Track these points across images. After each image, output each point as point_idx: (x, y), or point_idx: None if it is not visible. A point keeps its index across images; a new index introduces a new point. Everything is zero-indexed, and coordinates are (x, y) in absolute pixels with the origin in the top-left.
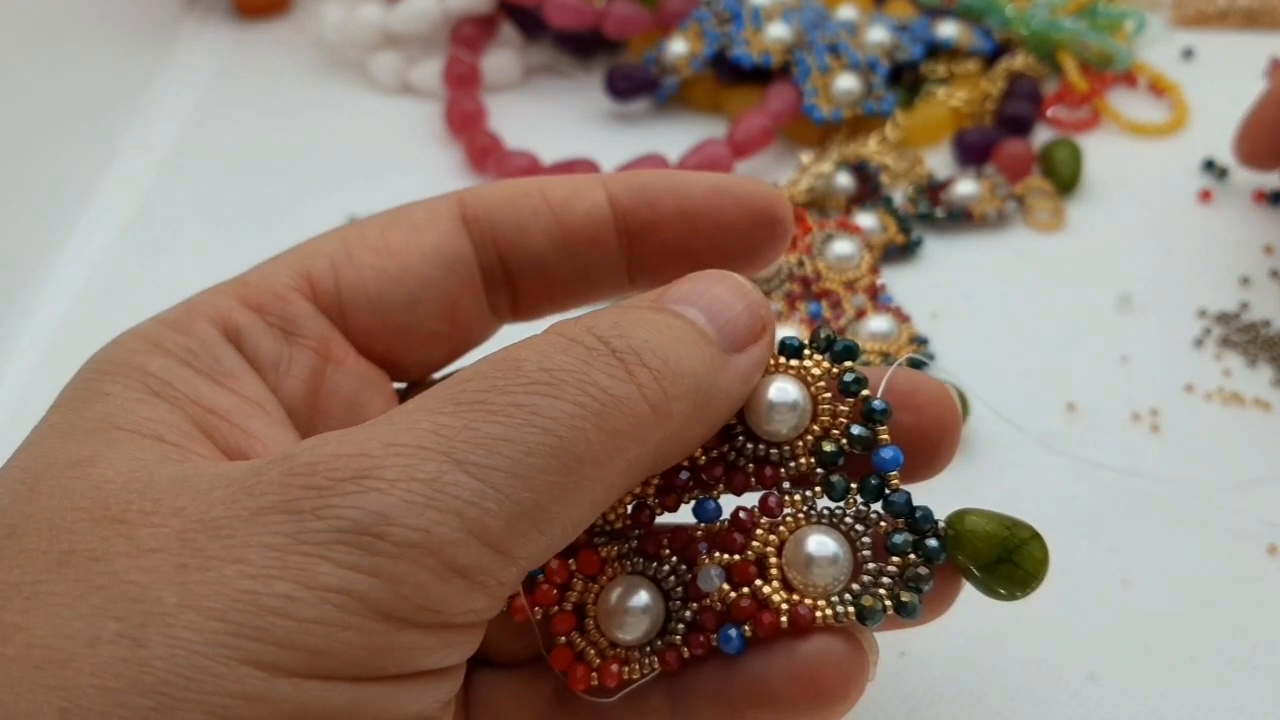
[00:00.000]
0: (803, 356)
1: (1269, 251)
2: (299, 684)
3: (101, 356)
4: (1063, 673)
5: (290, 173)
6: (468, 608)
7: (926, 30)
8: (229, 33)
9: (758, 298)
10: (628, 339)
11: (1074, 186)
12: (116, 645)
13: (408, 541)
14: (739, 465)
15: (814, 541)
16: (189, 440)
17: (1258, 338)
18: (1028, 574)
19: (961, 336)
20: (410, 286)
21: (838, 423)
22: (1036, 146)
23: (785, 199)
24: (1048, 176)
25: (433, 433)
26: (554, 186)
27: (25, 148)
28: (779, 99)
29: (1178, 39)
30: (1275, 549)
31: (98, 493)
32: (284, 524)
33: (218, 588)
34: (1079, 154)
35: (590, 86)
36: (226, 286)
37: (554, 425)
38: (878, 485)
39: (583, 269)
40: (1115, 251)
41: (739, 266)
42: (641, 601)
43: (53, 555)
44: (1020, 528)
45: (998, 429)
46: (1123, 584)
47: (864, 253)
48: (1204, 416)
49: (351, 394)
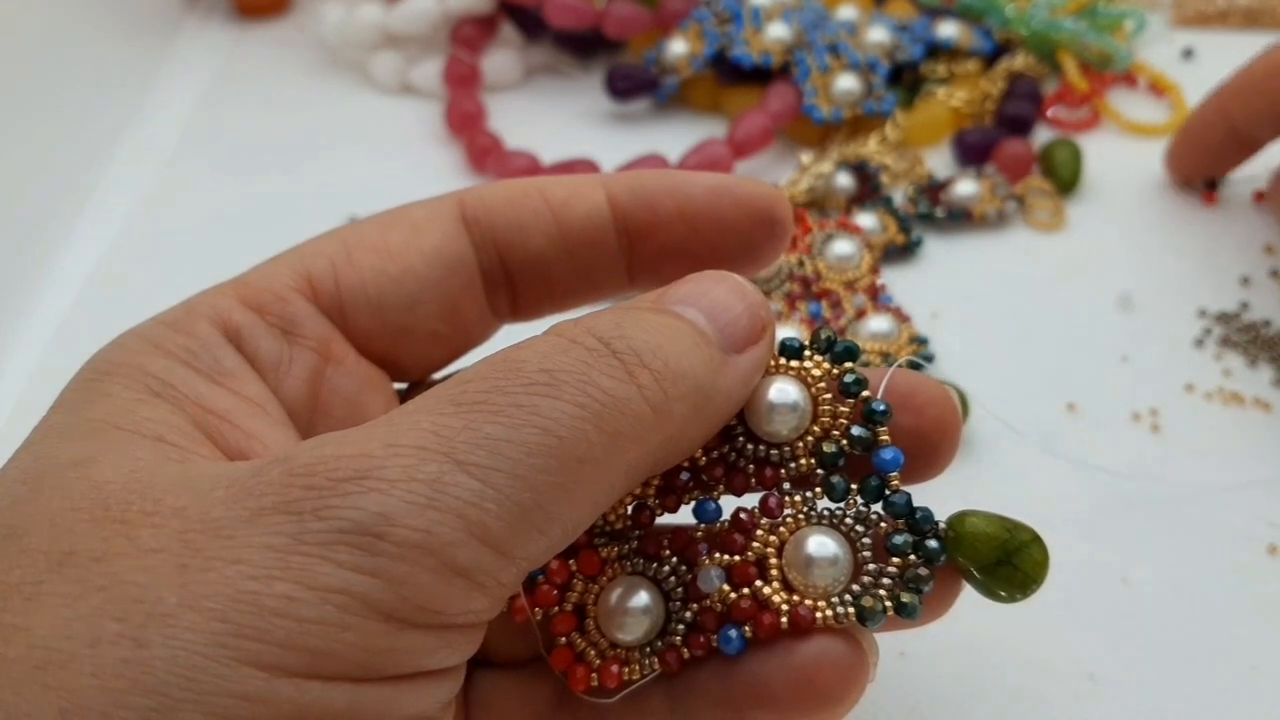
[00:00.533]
0: (803, 357)
1: (1269, 251)
2: (300, 684)
3: (102, 357)
4: (1063, 673)
5: (290, 173)
6: (468, 608)
7: (926, 30)
8: (229, 33)
9: (758, 298)
10: (628, 340)
11: (1074, 187)
12: (117, 646)
13: (408, 542)
14: (739, 466)
15: (814, 542)
16: (189, 441)
17: (1258, 338)
18: (1027, 576)
19: (961, 336)
20: (410, 287)
21: (838, 424)
22: (1036, 147)
23: (785, 199)
24: (1048, 177)
25: (433, 433)
26: (553, 187)
27: (25, 147)
28: (779, 99)
29: (1178, 39)
30: (1275, 549)
31: (98, 493)
32: (285, 524)
33: (219, 588)
34: (1079, 154)
35: (590, 86)
36: (226, 287)
37: (555, 426)
38: (878, 486)
39: (582, 269)
40: (1115, 251)
41: (739, 266)
42: (642, 602)
43: (53, 556)
44: (1021, 530)
45: (997, 429)
46: (1123, 584)
47: (864, 253)
48: (1204, 416)
49: (352, 394)
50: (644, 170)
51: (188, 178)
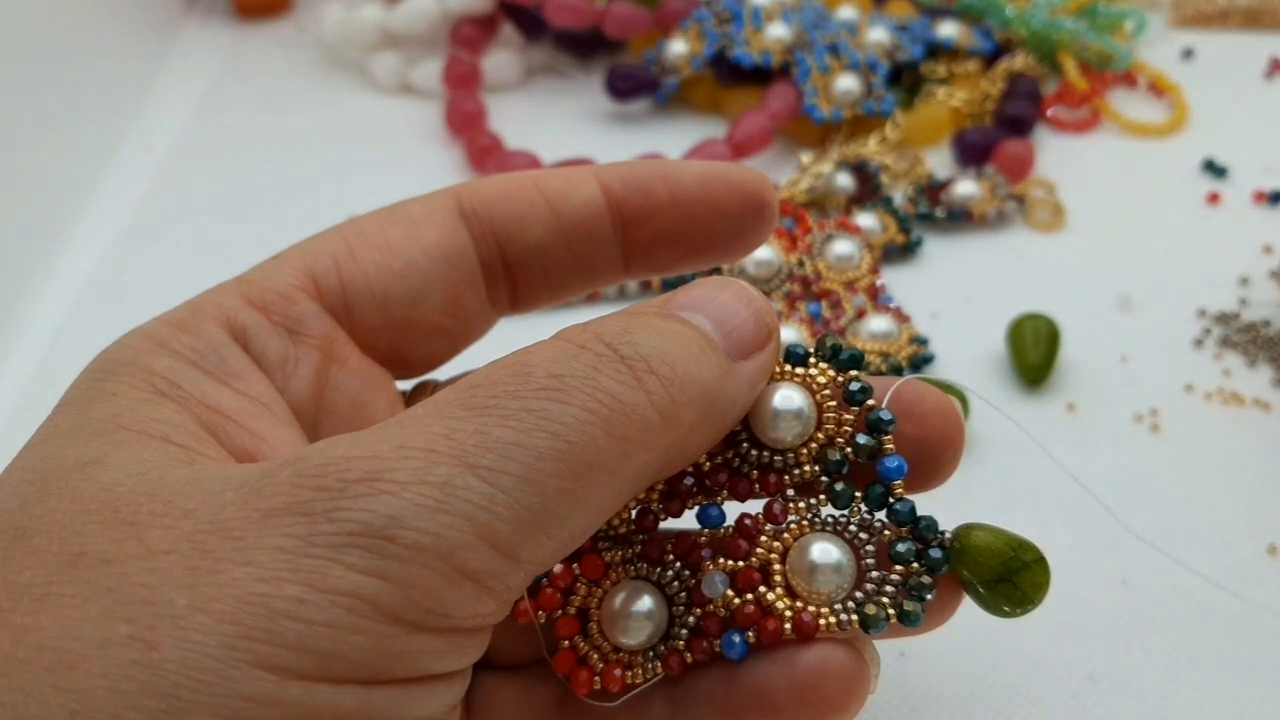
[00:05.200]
0: (808, 364)
1: (1269, 251)
2: (310, 687)
3: (107, 357)
4: (1063, 673)
5: (290, 173)
6: (476, 612)
7: (926, 30)
8: (229, 33)
9: (763, 305)
10: (636, 345)
11: (1044, 376)
12: (127, 647)
13: (418, 545)
14: (743, 472)
15: (818, 549)
16: (196, 441)
17: (1258, 338)
18: (1025, 595)
19: (961, 336)
20: (414, 282)
21: (842, 431)
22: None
23: (770, 183)
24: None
25: (444, 436)
26: (548, 179)
27: (26, 148)
28: (779, 99)
29: (1178, 39)
30: (1275, 549)
31: (107, 495)
32: (295, 526)
33: (229, 590)
34: (1055, 332)
35: (590, 86)
36: (231, 286)
37: (564, 430)
38: (882, 494)
39: (580, 259)
40: (1115, 251)
41: (729, 251)
42: (645, 606)
43: (63, 557)
44: (1025, 550)
45: (998, 429)
46: (1123, 584)
47: (864, 253)
48: (1204, 416)
49: (356, 393)
50: (635, 161)
51: (188, 178)
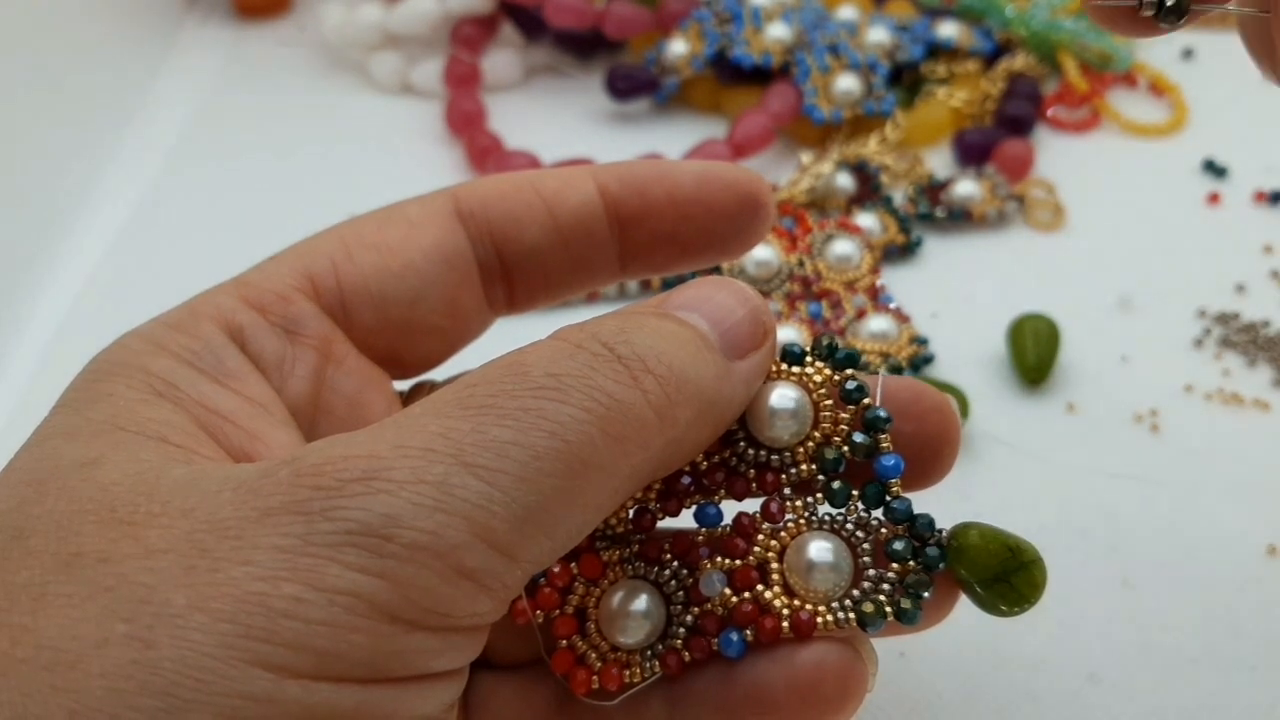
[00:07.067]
0: (804, 363)
1: (1269, 251)
2: (308, 686)
3: (104, 357)
4: (1063, 673)
5: (290, 173)
6: (473, 610)
7: (926, 30)
8: (229, 33)
9: (759, 304)
10: (632, 345)
11: (1044, 376)
12: (125, 647)
13: (415, 544)
14: (740, 471)
15: (815, 547)
16: (193, 441)
17: (1258, 338)
18: (1021, 595)
19: (961, 337)
20: (412, 283)
21: (839, 430)
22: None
23: (766, 182)
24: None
25: (441, 435)
26: (545, 180)
27: (26, 148)
28: (779, 99)
29: (1178, 39)
30: (1275, 549)
31: (105, 495)
32: (293, 525)
33: (227, 589)
34: (1055, 332)
35: (590, 86)
36: (228, 286)
37: (561, 430)
38: (878, 492)
39: (577, 259)
40: (1115, 251)
41: (725, 250)
42: (643, 605)
43: (61, 557)
44: (1023, 551)
45: (997, 429)
46: (1123, 584)
47: (864, 253)
48: (1204, 416)
49: (353, 393)
50: (632, 161)
51: (188, 177)
